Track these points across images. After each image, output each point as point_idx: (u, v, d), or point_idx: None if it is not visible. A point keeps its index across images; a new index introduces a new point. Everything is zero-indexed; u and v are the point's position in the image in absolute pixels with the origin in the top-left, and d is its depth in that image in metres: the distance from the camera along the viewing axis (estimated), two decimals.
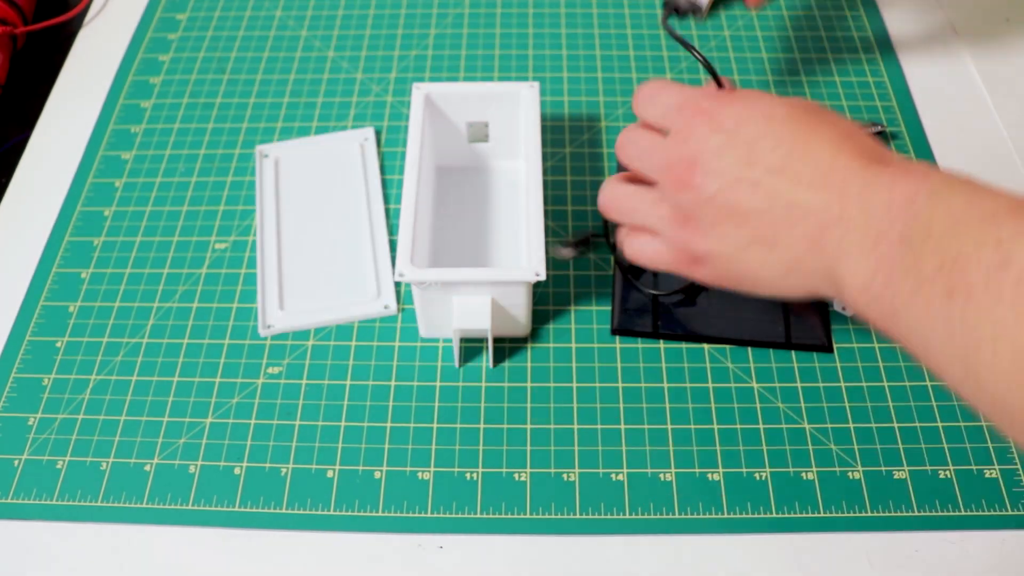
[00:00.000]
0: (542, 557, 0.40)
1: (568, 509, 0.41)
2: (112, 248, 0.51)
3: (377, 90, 0.59)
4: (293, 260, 0.49)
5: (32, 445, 0.43)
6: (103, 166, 0.55)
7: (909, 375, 0.45)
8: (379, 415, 0.44)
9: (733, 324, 0.46)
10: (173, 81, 0.60)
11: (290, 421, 0.44)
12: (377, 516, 0.41)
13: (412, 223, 0.43)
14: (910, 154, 0.54)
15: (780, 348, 0.46)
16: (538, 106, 0.48)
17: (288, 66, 0.60)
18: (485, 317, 0.42)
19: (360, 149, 0.55)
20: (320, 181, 0.53)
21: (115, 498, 0.42)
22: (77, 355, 0.46)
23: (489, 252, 0.49)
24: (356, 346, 0.46)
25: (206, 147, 0.56)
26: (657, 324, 0.46)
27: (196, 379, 0.45)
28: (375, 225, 0.51)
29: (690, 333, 0.46)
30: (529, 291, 0.43)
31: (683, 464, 0.42)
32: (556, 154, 0.54)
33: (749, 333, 0.46)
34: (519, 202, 0.51)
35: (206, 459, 0.43)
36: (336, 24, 0.63)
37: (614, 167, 0.54)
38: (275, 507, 0.41)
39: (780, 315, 0.46)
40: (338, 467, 0.42)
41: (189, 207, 0.53)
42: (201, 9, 0.65)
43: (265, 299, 0.48)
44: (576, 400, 0.44)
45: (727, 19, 0.62)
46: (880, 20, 0.62)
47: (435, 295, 0.43)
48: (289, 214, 0.52)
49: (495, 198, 0.51)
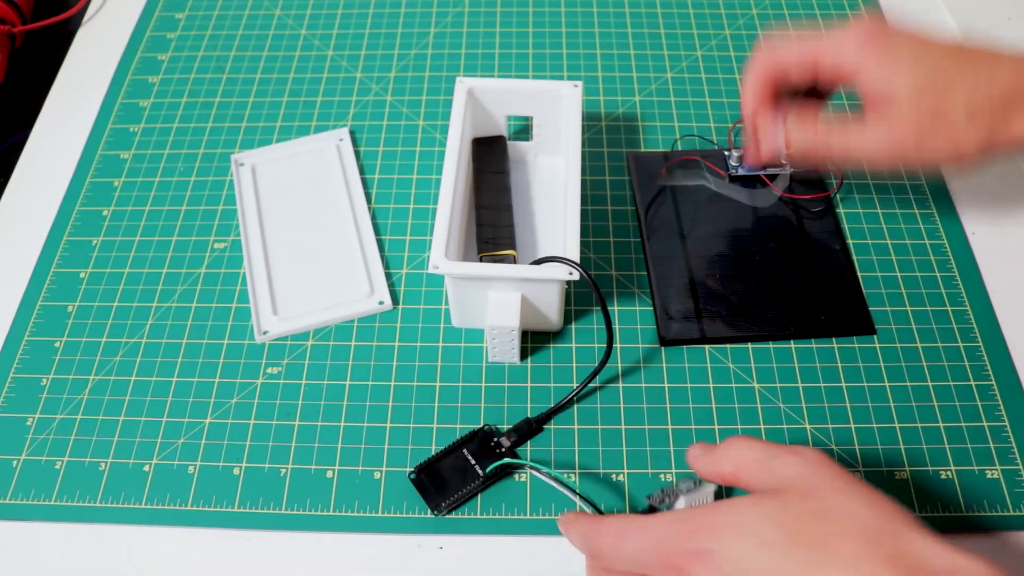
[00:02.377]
0: (542, 557, 0.39)
1: (568, 509, 0.40)
2: (111, 248, 0.51)
3: (377, 90, 0.59)
4: (282, 265, 0.49)
5: (31, 445, 0.43)
6: (102, 165, 0.55)
7: (911, 375, 0.44)
8: (379, 415, 0.44)
9: (778, 320, 0.46)
10: (172, 80, 0.60)
11: (289, 421, 0.44)
12: (377, 517, 0.41)
13: (448, 216, 0.43)
14: None
15: (824, 337, 0.46)
16: (580, 104, 0.48)
17: (287, 65, 0.60)
18: (515, 314, 0.42)
19: (337, 150, 0.55)
20: (299, 184, 0.53)
21: (114, 498, 0.41)
22: (76, 355, 0.46)
23: (525, 248, 0.49)
24: (355, 346, 0.46)
25: (205, 146, 0.56)
26: (703, 330, 0.46)
27: (195, 379, 0.45)
28: (360, 224, 0.51)
29: (737, 335, 0.46)
30: (562, 289, 0.43)
31: (684, 464, 0.42)
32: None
33: (795, 326, 0.46)
34: (556, 199, 0.51)
35: (205, 459, 0.42)
36: (336, 24, 0.63)
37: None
38: (274, 508, 0.41)
39: (819, 303, 0.47)
40: (337, 467, 0.42)
41: (188, 206, 0.53)
42: (200, 8, 0.64)
43: (258, 306, 0.48)
44: (576, 400, 0.44)
45: (727, 19, 0.62)
46: (881, 20, 0.62)
47: (470, 289, 0.43)
48: (272, 220, 0.51)
49: (532, 194, 0.52)
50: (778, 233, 0.50)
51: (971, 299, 0.47)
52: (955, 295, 0.47)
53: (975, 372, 0.44)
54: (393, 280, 0.49)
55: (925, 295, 0.47)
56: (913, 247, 0.49)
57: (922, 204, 0.51)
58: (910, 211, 0.51)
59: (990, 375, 0.44)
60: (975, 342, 0.46)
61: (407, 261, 0.50)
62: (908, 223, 0.50)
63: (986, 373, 0.44)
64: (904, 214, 0.51)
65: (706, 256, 0.49)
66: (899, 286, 0.48)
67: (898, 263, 0.49)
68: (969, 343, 0.46)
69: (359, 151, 0.55)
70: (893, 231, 0.50)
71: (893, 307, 0.47)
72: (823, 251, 0.49)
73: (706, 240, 0.50)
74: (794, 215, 0.50)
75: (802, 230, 0.50)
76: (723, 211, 0.51)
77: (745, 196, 0.51)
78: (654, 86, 0.58)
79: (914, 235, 0.50)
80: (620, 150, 0.55)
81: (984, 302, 0.47)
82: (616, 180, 0.53)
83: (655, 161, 0.53)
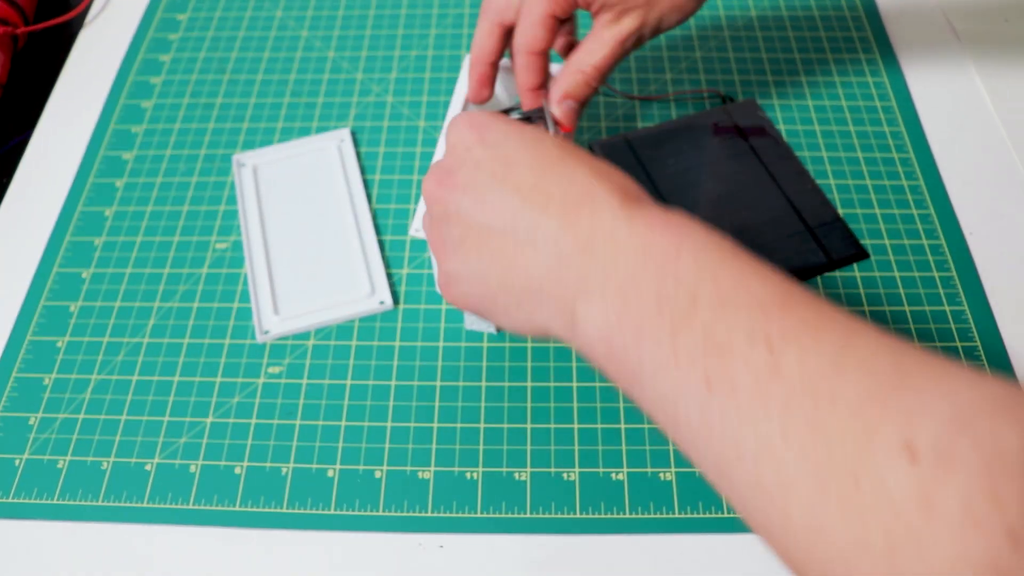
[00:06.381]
0: (542, 556, 0.40)
1: (568, 508, 0.41)
2: (113, 248, 0.51)
3: (377, 90, 0.59)
4: (283, 265, 0.50)
5: (33, 445, 0.43)
6: (104, 166, 0.55)
7: None
8: (380, 415, 0.44)
9: (782, 264, 0.47)
10: (174, 81, 0.60)
11: (291, 421, 0.44)
12: (377, 515, 0.41)
13: None
14: (909, 153, 0.54)
15: (824, 271, 0.48)
16: None
17: (288, 66, 0.61)
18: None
19: (338, 150, 0.55)
20: (300, 185, 0.53)
21: (116, 498, 0.42)
22: (78, 355, 0.47)
23: None
24: (357, 346, 0.46)
25: (206, 147, 0.56)
26: None
27: (197, 379, 0.45)
28: (362, 224, 0.51)
29: None
30: None
31: (683, 463, 0.42)
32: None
33: (796, 263, 0.48)
34: None
35: (207, 459, 0.43)
36: (336, 24, 0.63)
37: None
38: (276, 506, 0.41)
39: (811, 238, 0.49)
40: (338, 467, 0.42)
41: (190, 207, 0.53)
42: (202, 9, 0.65)
43: (260, 306, 0.48)
44: (576, 399, 0.44)
45: (727, 19, 0.63)
46: (879, 19, 0.62)
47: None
48: (273, 220, 0.52)
49: None
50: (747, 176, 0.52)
51: (969, 300, 0.47)
52: (953, 295, 0.48)
53: None
54: (394, 280, 0.49)
55: (924, 295, 0.48)
56: (911, 247, 0.50)
57: (920, 204, 0.51)
58: (908, 211, 0.51)
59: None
60: (973, 342, 0.46)
61: (408, 261, 0.50)
62: (906, 223, 0.51)
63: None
64: (902, 214, 0.51)
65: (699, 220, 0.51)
66: (897, 286, 0.48)
67: (896, 263, 0.49)
68: (967, 343, 0.46)
69: (360, 152, 0.55)
70: (891, 231, 0.50)
71: (892, 307, 0.47)
72: (790, 180, 0.52)
73: (692, 204, 0.51)
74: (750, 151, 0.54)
75: (759, 159, 0.53)
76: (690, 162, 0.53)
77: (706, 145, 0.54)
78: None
79: (912, 235, 0.50)
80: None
81: (982, 303, 0.47)
82: None
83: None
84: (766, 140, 0.54)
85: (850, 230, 0.50)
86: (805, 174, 0.52)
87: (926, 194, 0.52)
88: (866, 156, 0.54)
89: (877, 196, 0.52)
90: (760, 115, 0.55)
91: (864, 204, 0.52)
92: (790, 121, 0.56)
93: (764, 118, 0.55)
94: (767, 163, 0.53)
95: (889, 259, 0.49)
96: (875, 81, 0.58)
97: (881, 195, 0.52)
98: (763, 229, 0.49)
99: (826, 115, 0.56)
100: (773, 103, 0.57)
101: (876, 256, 0.49)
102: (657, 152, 0.53)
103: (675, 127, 0.55)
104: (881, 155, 0.54)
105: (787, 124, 0.56)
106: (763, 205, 0.51)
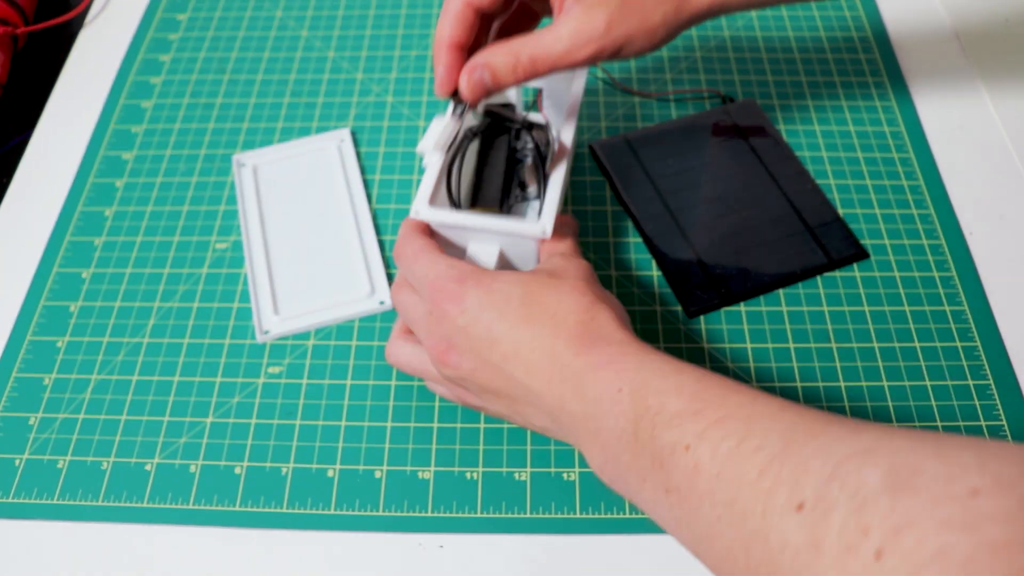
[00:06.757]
0: (542, 556, 0.40)
1: (568, 508, 0.41)
2: (113, 248, 0.51)
3: (377, 90, 0.59)
4: (283, 265, 0.50)
5: (33, 445, 0.43)
6: (104, 166, 0.55)
7: (908, 375, 0.45)
8: (379, 415, 0.44)
9: (782, 264, 0.48)
10: (174, 81, 0.60)
11: (291, 421, 0.44)
12: (377, 515, 0.41)
13: (437, 171, 0.43)
14: (909, 153, 0.54)
15: (825, 271, 0.48)
16: (584, 82, 0.47)
17: (288, 66, 0.61)
18: (491, 266, 0.42)
19: (338, 150, 0.55)
20: (300, 185, 0.53)
21: (116, 498, 0.42)
22: (78, 355, 0.47)
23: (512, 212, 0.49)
24: (357, 346, 0.46)
25: (206, 147, 0.56)
26: (722, 291, 0.47)
27: (197, 379, 0.45)
28: (361, 224, 0.51)
29: (752, 288, 0.48)
30: (537, 248, 0.43)
31: None
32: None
33: (796, 263, 0.48)
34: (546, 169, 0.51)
35: (207, 459, 0.43)
36: (336, 24, 0.63)
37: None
38: (276, 506, 0.41)
39: (811, 238, 0.49)
40: (339, 466, 0.42)
41: (190, 207, 0.53)
42: (202, 9, 0.65)
43: (260, 306, 0.48)
44: None
45: (727, 19, 0.63)
46: (878, 18, 0.62)
47: (450, 242, 0.43)
48: (273, 220, 0.52)
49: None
50: (750, 175, 0.52)
51: (969, 300, 0.47)
52: (953, 295, 0.48)
53: (973, 372, 0.45)
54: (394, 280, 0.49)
55: (924, 295, 0.48)
56: (911, 247, 0.50)
57: (920, 204, 0.51)
58: (908, 211, 0.51)
59: (988, 376, 0.45)
60: (972, 342, 0.46)
61: None
62: (906, 223, 0.51)
63: (984, 374, 0.45)
64: (902, 214, 0.51)
65: (699, 220, 0.50)
66: (897, 286, 0.48)
67: (896, 263, 0.49)
68: (967, 343, 0.46)
69: (360, 152, 0.55)
70: (891, 231, 0.50)
71: (892, 307, 0.47)
72: (790, 180, 0.52)
73: (692, 204, 0.51)
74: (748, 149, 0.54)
75: (759, 161, 0.53)
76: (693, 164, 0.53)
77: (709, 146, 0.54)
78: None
79: (912, 235, 0.50)
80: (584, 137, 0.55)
81: (982, 303, 0.47)
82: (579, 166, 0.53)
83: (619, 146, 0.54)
84: (766, 140, 0.54)
85: (850, 230, 0.50)
86: (805, 174, 0.52)
87: (926, 194, 0.52)
88: (866, 156, 0.54)
89: (877, 196, 0.52)
90: (760, 115, 0.55)
91: (864, 204, 0.52)
92: (790, 121, 0.56)
93: (764, 118, 0.55)
94: (767, 163, 0.53)
95: (889, 259, 0.49)
96: (875, 81, 0.58)
97: (881, 195, 0.52)
98: (763, 229, 0.49)
99: (826, 115, 0.56)
100: (773, 103, 0.57)
101: (876, 256, 0.49)
102: (657, 152, 0.53)
103: (675, 127, 0.55)
104: (881, 155, 0.54)
105: (787, 124, 0.56)
106: (763, 205, 0.51)
